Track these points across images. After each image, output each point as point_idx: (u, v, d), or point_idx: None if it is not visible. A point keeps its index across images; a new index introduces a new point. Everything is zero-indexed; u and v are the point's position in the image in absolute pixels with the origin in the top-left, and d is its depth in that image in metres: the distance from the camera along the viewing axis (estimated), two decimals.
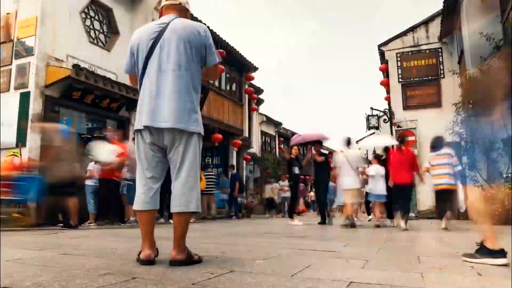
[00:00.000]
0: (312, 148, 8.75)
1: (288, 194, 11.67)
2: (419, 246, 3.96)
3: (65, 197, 5.85)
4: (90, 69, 8.26)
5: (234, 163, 14.54)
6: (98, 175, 7.00)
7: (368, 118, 14.43)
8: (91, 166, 7.29)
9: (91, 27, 8.97)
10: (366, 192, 8.65)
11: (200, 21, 11.16)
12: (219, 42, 12.42)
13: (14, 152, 7.10)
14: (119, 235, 4.97)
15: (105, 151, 6.62)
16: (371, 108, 14.48)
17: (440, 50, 12.95)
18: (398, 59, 13.52)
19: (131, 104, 9.20)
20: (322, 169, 8.45)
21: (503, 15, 8.22)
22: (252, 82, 15.98)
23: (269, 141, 21.03)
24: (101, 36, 9.23)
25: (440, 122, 9.87)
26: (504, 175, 7.54)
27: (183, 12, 2.53)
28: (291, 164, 8.71)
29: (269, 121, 20.22)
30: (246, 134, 15.31)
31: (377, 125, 14.33)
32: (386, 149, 8.37)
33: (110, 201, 6.85)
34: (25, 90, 7.41)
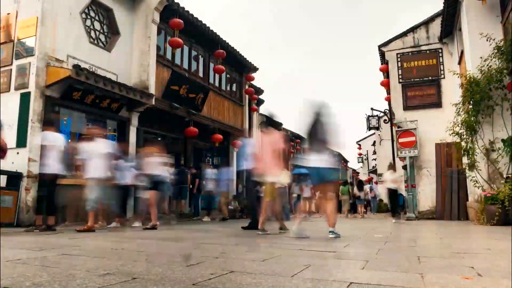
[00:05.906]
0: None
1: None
2: (419, 247, 3.95)
3: None
4: (91, 70, 8.25)
5: (235, 163, 14.53)
6: None
7: (368, 119, 14.43)
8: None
9: (92, 27, 8.96)
10: None
11: (202, 22, 11.16)
12: (219, 42, 12.41)
13: None
14: (119, 235, 4.98)
15: None
16: (372, 109, 14.49)
17: (440, 50, 12.93)
18: (399, 59, 13.49)
19: (131, 105, 9.20)
20: None
21: (503, 15, 8.22)
22: (252, 82, 15.96)
23: None
24: (102, 37, 9.22)
25: (441, 122, 9.86)
26: (505, 176, 7.55)
27: None
28: None
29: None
30: (246, 134, 15.24)
31: (377, 125, 14.34)
32: None
33: None
34: (26, 90, 7.39)
